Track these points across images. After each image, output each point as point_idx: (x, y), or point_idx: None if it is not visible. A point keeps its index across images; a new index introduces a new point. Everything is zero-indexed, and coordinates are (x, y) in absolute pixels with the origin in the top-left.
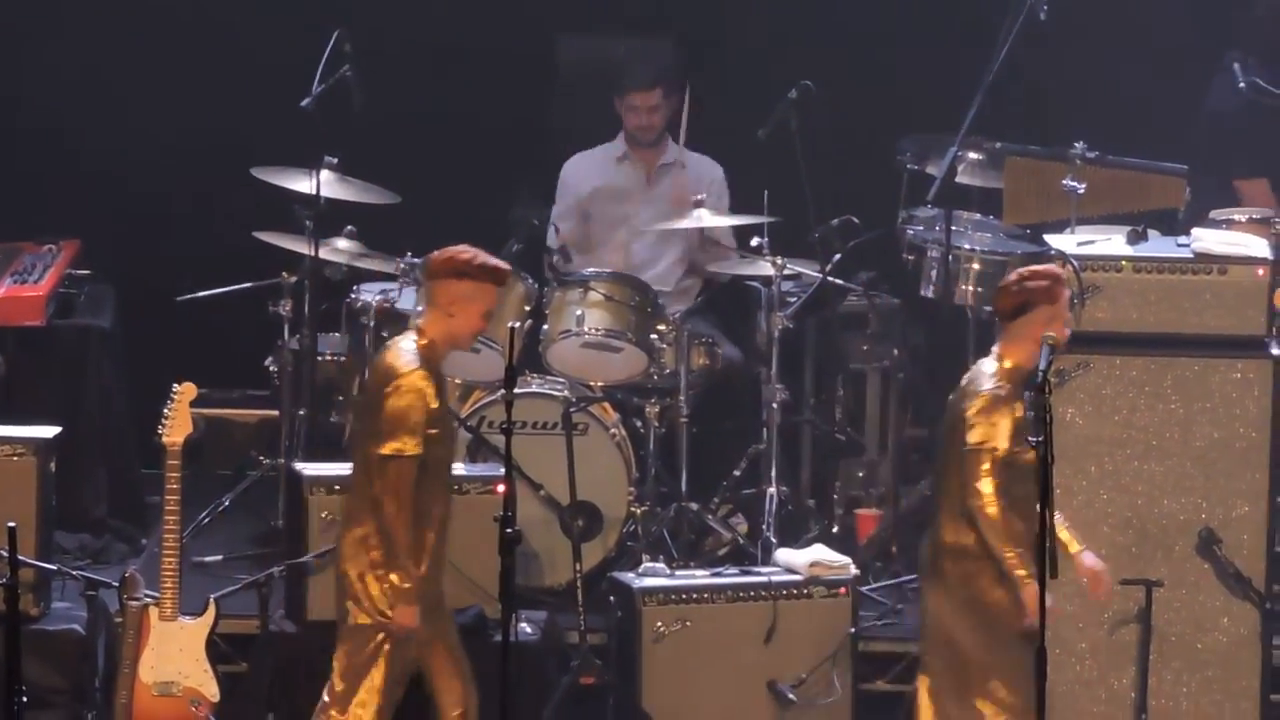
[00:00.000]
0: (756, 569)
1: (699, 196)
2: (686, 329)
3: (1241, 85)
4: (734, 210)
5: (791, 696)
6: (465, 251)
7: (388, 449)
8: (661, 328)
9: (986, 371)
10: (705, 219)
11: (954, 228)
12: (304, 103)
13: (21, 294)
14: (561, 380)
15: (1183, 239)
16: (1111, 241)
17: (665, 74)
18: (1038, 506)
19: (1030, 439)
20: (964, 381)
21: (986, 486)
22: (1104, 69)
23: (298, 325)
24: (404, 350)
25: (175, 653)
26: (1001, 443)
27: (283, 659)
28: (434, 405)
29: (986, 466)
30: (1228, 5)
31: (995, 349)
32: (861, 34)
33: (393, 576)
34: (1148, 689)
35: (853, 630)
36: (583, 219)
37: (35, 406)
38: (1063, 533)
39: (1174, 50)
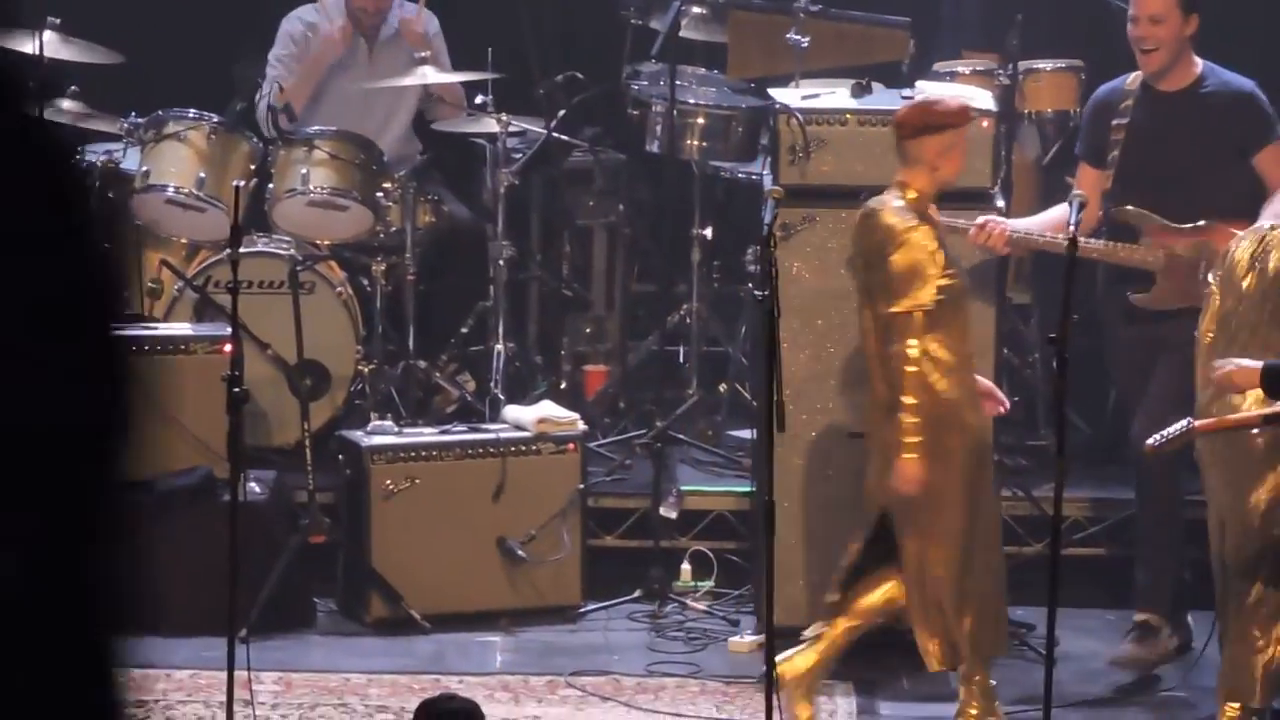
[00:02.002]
0: (484, 426)
1: (422, 54)
2: (412, 186)
3: None
4: (458, 68)
5: (521, 553)
6: (934, 103)
7: (902, 306)
8: (387, 185)
9: None
10: (429, 76)
11: (678, 82)
12: None
13: None
14: (287, 239)
15: (907, 91)
16: (836, 95)
17: None
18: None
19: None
20: None
21: None
22: None
23: None
24: (897, 208)
25: None
26: None
27: None
28: (942, 254)
29: None
30: None
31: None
32: None
33: (905, 422)
34: None
35: (581, 486)
36: (308, 79)
37: None
38: None
39: None
